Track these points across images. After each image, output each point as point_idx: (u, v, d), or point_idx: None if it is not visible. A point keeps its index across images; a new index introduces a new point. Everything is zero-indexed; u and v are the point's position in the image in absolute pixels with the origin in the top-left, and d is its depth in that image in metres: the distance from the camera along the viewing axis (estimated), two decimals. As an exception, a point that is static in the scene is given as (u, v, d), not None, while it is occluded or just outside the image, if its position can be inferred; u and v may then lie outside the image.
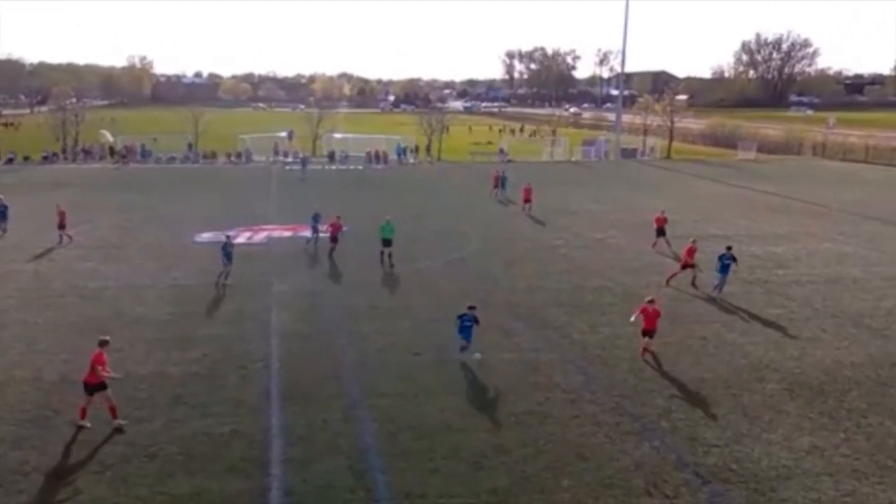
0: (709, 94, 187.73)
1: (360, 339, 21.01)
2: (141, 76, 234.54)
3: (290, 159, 73.61)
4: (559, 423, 15.77)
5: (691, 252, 26.32)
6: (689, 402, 16.90)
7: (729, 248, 25.63)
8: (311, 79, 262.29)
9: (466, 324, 18.75)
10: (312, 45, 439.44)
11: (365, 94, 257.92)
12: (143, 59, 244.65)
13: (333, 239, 30.21)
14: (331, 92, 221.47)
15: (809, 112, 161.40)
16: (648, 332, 19.28)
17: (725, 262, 24.99)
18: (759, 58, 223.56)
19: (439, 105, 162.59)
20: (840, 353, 20.03)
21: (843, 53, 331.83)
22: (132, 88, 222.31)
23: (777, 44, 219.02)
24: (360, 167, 69.60)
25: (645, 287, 26.56)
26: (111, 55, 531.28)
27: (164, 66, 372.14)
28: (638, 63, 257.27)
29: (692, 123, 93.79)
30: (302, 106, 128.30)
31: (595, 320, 22.74)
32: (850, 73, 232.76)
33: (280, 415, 16.09)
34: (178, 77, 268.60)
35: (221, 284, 26.18)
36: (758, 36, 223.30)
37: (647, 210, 42.86)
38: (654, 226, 32.82)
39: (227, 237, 28.62)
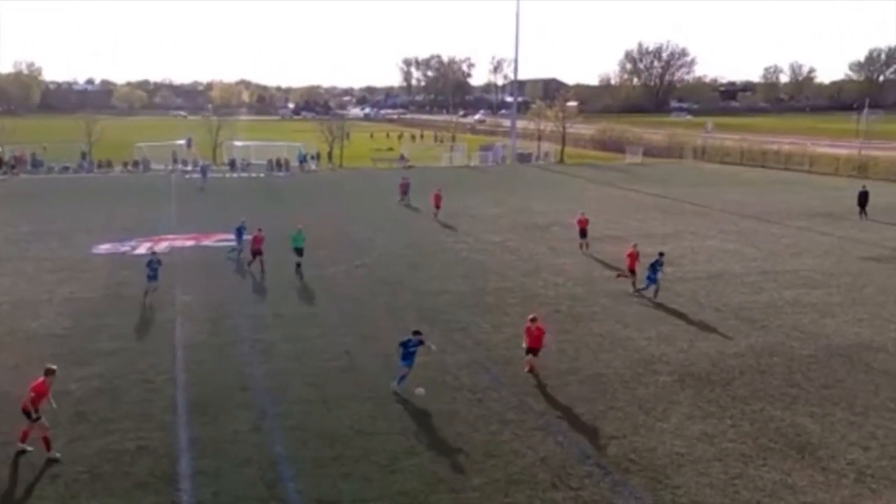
0: (597, 100, 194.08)
1: (267, 347, 20.92)
2: (29, 83, 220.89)
3: (189, 168, 71.60)
4: (467, 423, 16.23)
5: (633, 256, 26.58)
6: (589, 396, 17.70)
7: (661, 255, 26.36)
8: (209, 86, 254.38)
9: (411, 349, 17.53)
10: (209, 51, 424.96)
11: (265, 101, 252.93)
12: (30, 65, 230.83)
13: (256, 252, 29.57)
14: (229, 99, 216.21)
15: (689, 117, 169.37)
16: (532, 350, 18.80)
17: (657, 268, 25.69)
18: (641, 66, 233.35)
19: (339, 112, 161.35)
20: (724, 345, 21.38)
21: (717, 62, 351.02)
22: (20, 96, 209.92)
23: (658, 53, 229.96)
24: (262, 175, 68.52)
25: (542, 287, 27.57)
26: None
27: (54, 73, 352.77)
28: (530, 71, 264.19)
29: (583, 129, 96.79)
30: (209, 113, 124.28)
31: (498, 320, 23.43)
32: (725, 81, 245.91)
33: (188, 428, 15.88)
34: (70, 84, 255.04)
35: (129, 299, 25.34)
36: (640, 45, 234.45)
37: (541, 213, 44.47)
38: (577, 227, 33.87)
39: (154, 253, 27.68)
